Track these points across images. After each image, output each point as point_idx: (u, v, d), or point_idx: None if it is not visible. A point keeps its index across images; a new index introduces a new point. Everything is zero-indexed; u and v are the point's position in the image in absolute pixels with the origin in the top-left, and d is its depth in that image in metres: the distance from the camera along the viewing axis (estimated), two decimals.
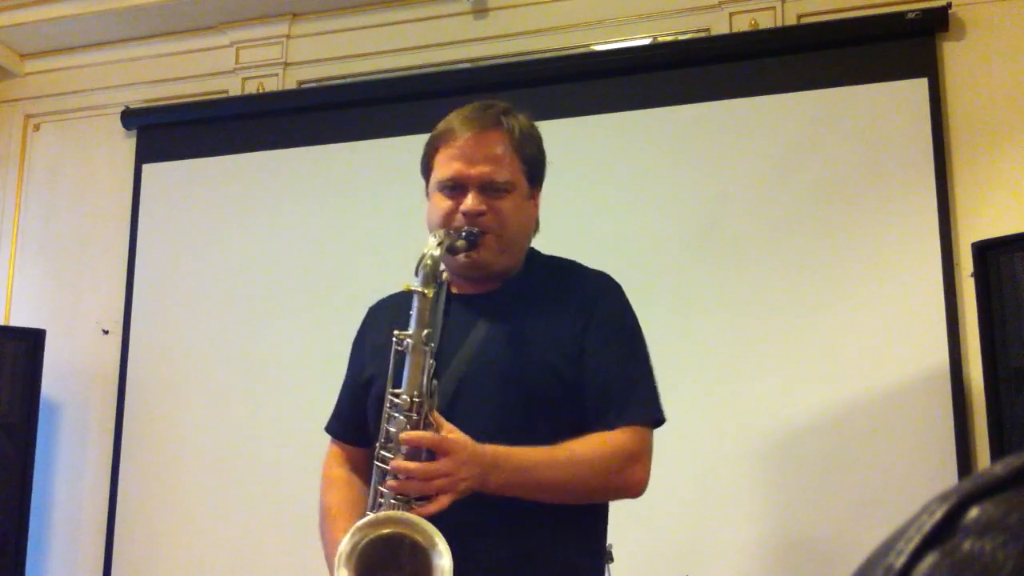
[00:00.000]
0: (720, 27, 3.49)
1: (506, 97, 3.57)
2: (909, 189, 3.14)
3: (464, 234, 1.69)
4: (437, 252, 1.62)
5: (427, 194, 1.81)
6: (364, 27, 3.86)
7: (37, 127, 4.27)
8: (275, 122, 3.87)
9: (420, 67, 3.78)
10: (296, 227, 3.72)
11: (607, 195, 3.41)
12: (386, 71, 3.83)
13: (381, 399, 1.63)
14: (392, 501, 1.54)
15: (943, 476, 2.90)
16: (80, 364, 3.92)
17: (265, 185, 3.80)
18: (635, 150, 3.42)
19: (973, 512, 0.35)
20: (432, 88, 3.69)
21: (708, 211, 3.31)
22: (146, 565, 3.69)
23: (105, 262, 3.99)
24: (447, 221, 1.71)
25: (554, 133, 3.53)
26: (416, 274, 1.61)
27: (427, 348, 1.58)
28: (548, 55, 3.63)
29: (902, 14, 3.24)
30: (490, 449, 1.56)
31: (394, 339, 1.60)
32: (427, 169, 1.80)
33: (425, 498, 1.53)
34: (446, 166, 1.74)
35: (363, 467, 1.79)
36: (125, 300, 3.89)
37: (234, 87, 4.01)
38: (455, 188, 1.72)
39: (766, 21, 3.44)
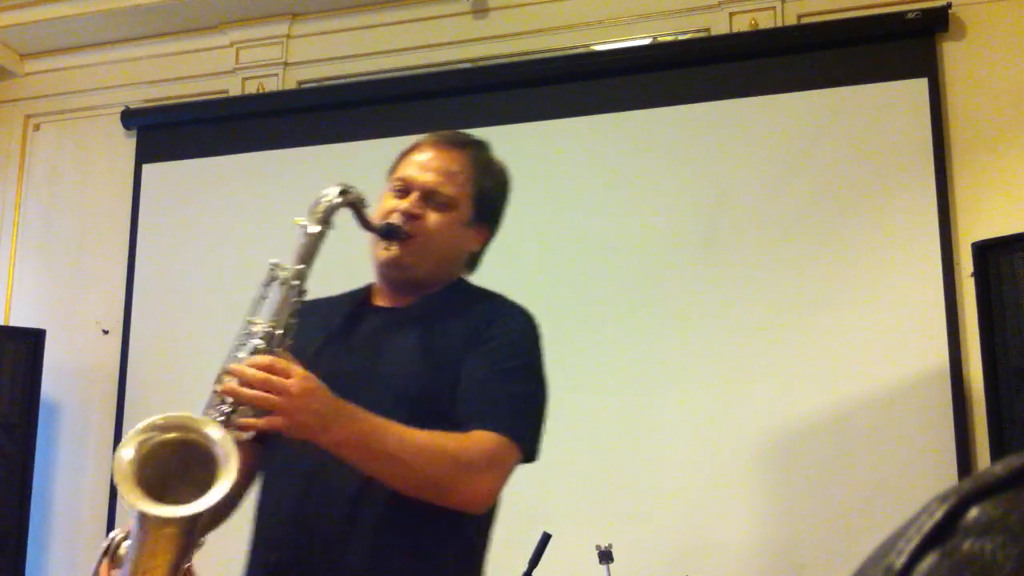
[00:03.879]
0: (720, 27, 3.49)
1: (506, 97, 3.61)
2: (909, 189, 3.14)
3: (386, 224, 1.71)
4: (338, 200, 1.66)
5: None
6: (364, 27, 3.86)
7: (37, 127, 4.27)
8: (275, 122, 3.87)
9: (420, 67, 3.78)
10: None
11: (607, 195, 3.41)
12: (386, 71, 3.82)
13: None
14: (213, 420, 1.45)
15: (943, 476, 2.90)
16: (80, 364, 3.92)
17: (265, 185, 3.80)
18: (635, 150, 3.42)
19: (973, 512, 0.35)
20: (432, 88, 3.69)
21: (708, 211, 3.31)
22: None
23: (105, 262, 3.99)
24: (384, 217, 1.75)
25: (554, 133, 3.55)
26: (308, 213, 1.64)
27: (296, 285, 1.59)
28: (548, 55, 3.63)
29: (902, 14, 3.24)
30: (346, 402, 1.50)
31: (269, 268, 1.60)
32: (390, 174, 1.86)
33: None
34: (401, 169, 1.81)
35: (249, 460, 1.67)
36: (125, 300, 3.89)
37: (234, 87, 4.01)
38: (402, 190, 1.77)
39: (766, 21, 3.44)
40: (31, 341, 3.59)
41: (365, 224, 1.71)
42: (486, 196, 1.81)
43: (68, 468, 3.87)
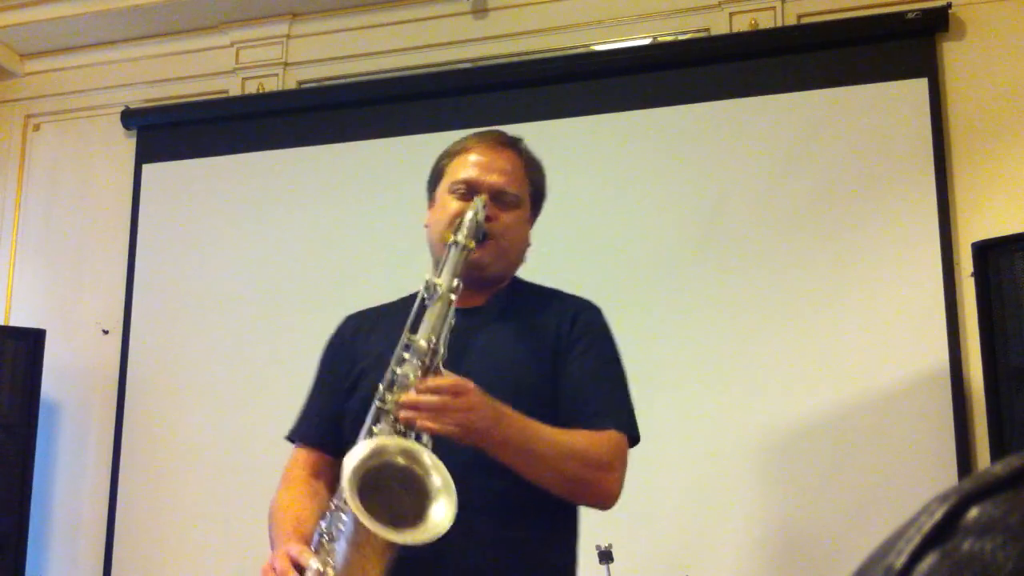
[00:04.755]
0: (720, 27, 3.49)
1: (506, 97, 3.61)
2: (909, 189, 3.14)
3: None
4: (484, 215, 1.70)
5: (431, 201, 1.89)
6: (364, 27, 3.86)
7: (37, 127, 4.26)
8: (275, 122, 3.87)
9: (420, 67, 3.78)
10: (296, 227, 3.72)
11: (607, 195, 3.41)
12: (386, 71, 3.82)
13: (367, 399, 1.63)
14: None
15: (943, 476, 2.90)
16: (80, 364, 3.91)
17: (265, 185, 3.80)
18: (635, 150, 3.42)
19: (973, 512, 0.35)
20: (432, 88, 3.69)
21: (708, 211, 3.31)
22: (146, 565, 3.69)
23: (105, 262, 3.99)
24: (455, 221, 1.75)
25: (554, 133, 3.55)
26: (456, 231, 1.67)
27: (453, 297, 1.61)
28: (548, 55, 3.63)
29: (902, 14, 3.24)
30: (500, 403, 1.58)
31: (424, 286, 1.63)
32: (436, 178, 1.87)
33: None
34: (460, 171, 1.82)
35: (329, 476, 1.78)
36: (125, 300, 3.88)
37: (234, 87, 4.01)
38: (467, 192, 1.79)
39: (766, 21, 3.44)
40: (31, 341, 3.59)
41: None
42: (538, 190, 1.90)
43: (68, 468, 3.87)
